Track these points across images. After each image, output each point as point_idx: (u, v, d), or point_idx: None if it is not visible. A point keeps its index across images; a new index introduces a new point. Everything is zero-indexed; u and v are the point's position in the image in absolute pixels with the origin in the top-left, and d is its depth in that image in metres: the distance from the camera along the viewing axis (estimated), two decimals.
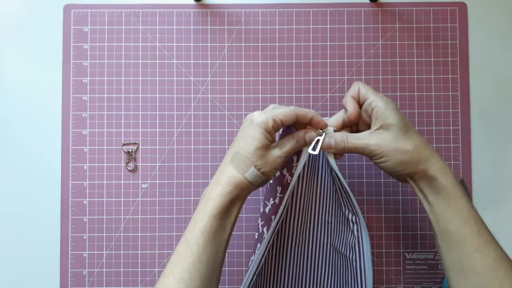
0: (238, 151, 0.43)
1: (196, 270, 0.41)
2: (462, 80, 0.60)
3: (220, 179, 0.43)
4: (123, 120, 0.60)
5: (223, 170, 0.44)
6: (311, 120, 0.46)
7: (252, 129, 0.43)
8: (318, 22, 0.60)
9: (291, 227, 0.54)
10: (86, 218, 0.59)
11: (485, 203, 0.59)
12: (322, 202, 0.53)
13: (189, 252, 0.41)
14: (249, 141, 0.43)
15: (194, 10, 0.61)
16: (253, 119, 0.43)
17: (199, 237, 0.41)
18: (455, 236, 0.43)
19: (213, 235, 0.42)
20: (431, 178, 0.44)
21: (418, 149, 0.44)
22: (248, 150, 0.43)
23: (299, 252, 0.54)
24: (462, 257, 0.43)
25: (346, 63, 0.60)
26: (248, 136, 0.43)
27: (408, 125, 0.45)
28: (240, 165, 0.43)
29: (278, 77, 0.60)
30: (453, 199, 0.43)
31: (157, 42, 0.60)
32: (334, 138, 0.46)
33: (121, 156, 0.59)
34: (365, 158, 0.59)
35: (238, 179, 0.43)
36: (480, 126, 0.60)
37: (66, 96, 0.60)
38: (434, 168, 0.44)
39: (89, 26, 0.60)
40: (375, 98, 0.46)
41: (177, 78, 0.60)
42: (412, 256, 0.59)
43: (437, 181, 0.44)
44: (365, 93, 0.47)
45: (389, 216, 0.59)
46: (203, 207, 0.43)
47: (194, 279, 0.40)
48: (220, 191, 0.43)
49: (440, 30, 0.60)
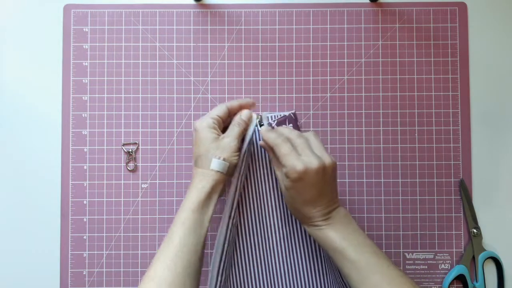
0: (197, 154, 0.50)
1: (179, 258, 0.45)
2: (462, 80, 0.60)
3: (193, 181, 0.50)
4: (123, 120, 0.60)
5: (194, 175, 0.50)
6: (240, 105, 0.53)
7: (200, 132, 0.50)
8: (318, 22, 0.60)
9: (249, 207, 0.56)
10: (86, 218, 0.59)
11: (485, 203, 0.59)
12: (271, 179, 0.55)
13: (171, 243, 0.46)
14: (202, 142, 0.50)
15: (194, 10, 0.61)
16: (196, 126, 0.51)
17: (180, 229, 0.47)
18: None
19: (192, 227, 0.47)
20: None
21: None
22: (204, 149, 0.50)
23: (266, 235, 0.56)
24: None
25: (346, 63, 0.60)
26: (199, 140, 0.50)
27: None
28: (203, 163, 0.50)
29: (278, 77, 0.60)
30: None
31: (157, 42, 0.60)
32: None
33: (121, 156, 0.59)
34: (365, 158, 0.59)
35: (207, 174, 0.49)
36: (480, 126, 0.60)
37: (66, 96, 0.60)
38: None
39: (89, 26, 0.60)
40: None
41: (177, 78, 0.60)
42: (412, 256, 0.59)
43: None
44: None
45: (389, 216, 0.59)
46: (184, 203, 0.49)
47: (177, 265, 0.45)
48: (195, 188, 0.49)
49: (440, 30, 0.60)
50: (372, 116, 0.60)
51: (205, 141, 0.50)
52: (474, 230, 0.58)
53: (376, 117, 0.60)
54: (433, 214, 0.59)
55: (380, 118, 0.60)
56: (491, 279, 0.59)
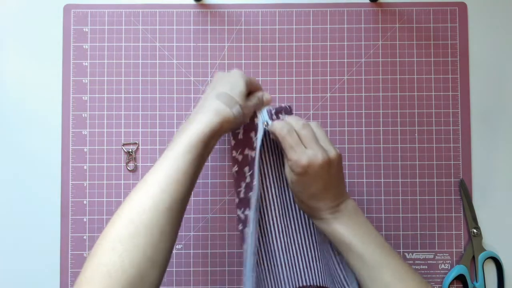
0: (224, 91, 0.46)
1: (178, 184, 0.42)
2: (462, 80, 0.60)
3: (207, 108, 0.45)
4: (123, 120, 0.60)
5: (209, 103, 0.46)
6: (259, 89, 0.52)
7: (236, 77, 0.48)
8: (318, 22, 0.60)
9: (271, 200, 0.54)
10: (86, 218, 0.59)
11: (485, 203, 0.59)
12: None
13: (172, 169, 0.42)
14: (235, 86, 0.47)
15: (194, 10, 0.61)
16: (240, 73, 0.49)
17: (183, 156, 0.42)
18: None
19: (200, 155, 0.43)
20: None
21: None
22: (234, 92, 0.46)
23: (285, 222, 0.55)
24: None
25: (346, 63, 0.60)
26: (232, 83, 0.47)
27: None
28: (227, 101, 0.46)
29: (278, 77, 0.60)
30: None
31: (157, 42, 0.60)
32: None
33: (121, 156, 0.59)
34: (365, 158, 0.59)
35: (225, 111, 0.45)
36: (480, 126, 0.60)
37: (66, 96, 0.60)
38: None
39: (89, 26, 0.60)
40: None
41: (177, 78, 0.60)
42: (412, 256, 0.59)
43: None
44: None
45: (389, 216, 0.59)
46: (187, 129, 0.44)
47: (174, 194, 0.41)
48: (207, 118, 0.44)
49: (440, 30, 0.60)
50: (372, 116, 0.60)
51: (240, 89, 0.47)
52: (474, 230, 0.58)
53: (376, 117, 0.60)
54: (433, 214, 0.59)
55: (380, 118, 0.60)
56: (491, 279, 0.59)
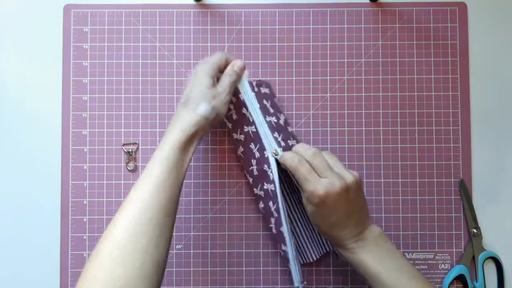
0: (189, 96, 0.48)
1: (161, 192, 0.43)
2: (462, 80, 0.60)
3: (177, 121, 0.47)
4: (123, 120, 0.60)
5: (178, 115, 0.48)
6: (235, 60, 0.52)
7: (199, 77, 0.49)
8: (318, 22, 0.60)
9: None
10: (86, 218, 0.59)
11: (485, 203, 0.59)
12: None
13: (149, 178, 0.44)
14: (198, 86, 0.48)
15: (194, 10, 0.61)
16: (198, 70, 0.49)
17: (160, 167, 0.44)
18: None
19: (173, 165, 0.44)
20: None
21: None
22: (197, 92, 0.47)
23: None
24: None
25: (346, 63, 0.60)
26: (196, 83, 0.48)
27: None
28: (192, 106, 0.47)
29: (278, 77, 0.60)
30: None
31: (157, 42, 0.60)
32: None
33: (121, 156, 0.59)
34: (365, 158, 0.59)
35: (193, 116, 0.46)
36: (480, 126, 0.60)
37: (66, 96, 0.60)
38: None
39: (89, 26, 0.60)
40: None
41: (177, 78, 0.60)
42: (412, 256, 0.59)
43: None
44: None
45: (389, 216, 0.59)
46: (164, 142, 0.46)
47: (160, 196, 0.43)
48: (178, 129, 0.46)
49: (440, 30, 0.60)
50: (372, 116, 0.60)
51: (201, 86, 0.48)
52: (474, 230, 0.58)
53: (376, 117, 0.60)
54: (433, 214, 0.59)
55: (380, 118, 0.60)
56: (491, 279, 0.59)
